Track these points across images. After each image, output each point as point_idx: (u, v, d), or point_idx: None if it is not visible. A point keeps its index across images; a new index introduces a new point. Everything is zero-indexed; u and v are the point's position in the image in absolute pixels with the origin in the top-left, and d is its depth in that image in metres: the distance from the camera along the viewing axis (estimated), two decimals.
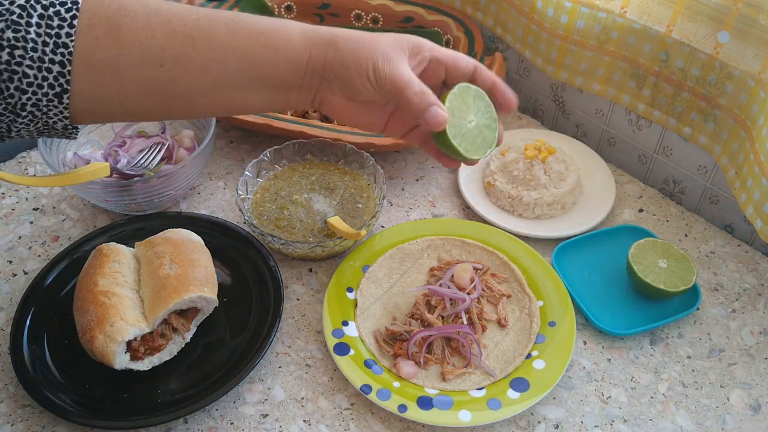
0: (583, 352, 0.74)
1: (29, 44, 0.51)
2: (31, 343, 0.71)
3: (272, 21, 0.59)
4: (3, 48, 0.51)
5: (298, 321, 0.77)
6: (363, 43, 0.59)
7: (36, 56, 0.52)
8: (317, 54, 0.59)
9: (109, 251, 0.72)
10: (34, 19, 0.51)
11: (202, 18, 0.57)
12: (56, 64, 0.52)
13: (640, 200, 0.92)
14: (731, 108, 0.79)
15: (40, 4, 0.52)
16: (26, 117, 0.54)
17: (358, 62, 0.59)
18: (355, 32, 0.60)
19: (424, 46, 0.61)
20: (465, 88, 0.61)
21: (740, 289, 0.80)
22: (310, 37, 0.59)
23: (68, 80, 0.53)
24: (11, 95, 0.52)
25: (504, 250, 0.82)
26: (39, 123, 0.55)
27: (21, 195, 0.92)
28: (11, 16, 0.51)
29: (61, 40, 0.52)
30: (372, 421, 0.67)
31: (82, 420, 0.65)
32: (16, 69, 0.51)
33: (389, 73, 0.58)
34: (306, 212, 0.84)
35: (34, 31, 0.51)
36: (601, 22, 0.87)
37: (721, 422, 0.67)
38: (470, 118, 0.62)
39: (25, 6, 0.51)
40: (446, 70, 0.62)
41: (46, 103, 0.54)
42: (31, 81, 0.52)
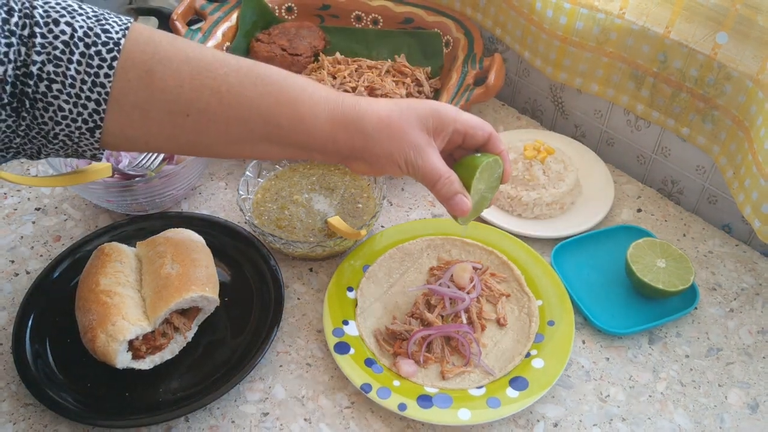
0: (582, 351, 0.74)
1: (68, 80, 0.52)
2: (33, 343, 0.71)
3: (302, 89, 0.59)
4: (42, 80, 0.52)
5: (299, 320, 0.77)
6: (393, 132, 0.60)
7: (73, 92, 0.53)
8: (344, 138, 0.60)
9: (111, 251, 0.73)
10: (76, 56, 0.52)
11: (231, 73, 0.57)
12: (92, 102, 0.53)
13: (639, 200, 0.92)
14: (729, 108, 0.80)
15: (83, 42, 0.53)
16: (57, 144, 0.56)
17: (389, 154, 0.61)
18: (382, 112, 0.60)
19: (447, 121, 0.62)
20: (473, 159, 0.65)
21: (738, 289, 0.80)
22: (336, 118, 0.59)
23: (102, 117, 0.54)
24: (45, 123, 0.53)
25: (503, 250, 0.82)
26: (69, 150, 0.57)
27: (23, 195, 0.92)
28: (54, 51, 0.52)
29: (99, 80, 0.53)
30: (372, 419, 0.68)
31: (83, 419, 0.65)
32: (52, 101, 0.53)
33: (421, 166, 0.61)
34: (306, 212, 0.85)
35: (74, 69, 0.52)
36: (599, 23, 0.88)
37: (719, 421, 0.68)
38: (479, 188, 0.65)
39: (69, 42, 0.52)
40: (464, 137, 0.64)
41: (78, 136, 0.55)
42: (65, 114, 0.53)
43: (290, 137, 0.60)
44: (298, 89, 0.59)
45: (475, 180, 0.63)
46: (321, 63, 1.06)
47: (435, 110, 0.62)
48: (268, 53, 1.06)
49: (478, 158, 0.64)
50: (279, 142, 0.60)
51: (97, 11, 0.55)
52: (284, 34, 1.09)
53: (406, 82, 1.01)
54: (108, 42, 0.53)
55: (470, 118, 0.64)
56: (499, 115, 1.07)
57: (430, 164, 0.61)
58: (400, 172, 0.62)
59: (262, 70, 0.59)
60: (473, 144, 0.65)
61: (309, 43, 1.08)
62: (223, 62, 0.57)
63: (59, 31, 0.52)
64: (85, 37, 0.53)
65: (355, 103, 0.60)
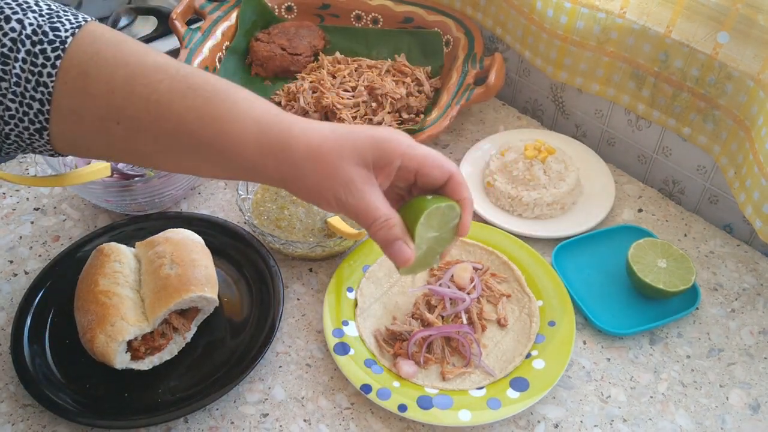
0: (583, 352, 0.74)
1: (13, 78, 0.51)
2: (32, 343, 0.71)
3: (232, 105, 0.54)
4: None
5: (298, 321, 0.77)
6: (321, 165, 0.53)
7: (18, 91, 0.52)
8: (272, 166, 0.54)
9: (110, 251, 0.73)
10: (21, 54, 0.51)
11: (165, 81, 0.53)
12: (36, 102, 0.52)
13: (640, 200, 0.92)
14: (730, 108, 0.80)
15: (30, 40, 0.52)
16: (12, 144, 0.55)
17: (317, 189, 0.54)
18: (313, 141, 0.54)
19: (392, 156, 0.54)
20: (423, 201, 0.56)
21: (739, 289, 0.80)
22: (262, 142, 0.54)
23: (47, 118, 0.53)
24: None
25: (504, 250, 0.82)
26: (27, 150, 0.56)
27: (22, 195, 0.92)
28: (2, 49, 0.51)
29: (42, 79, 0.52)
30: (372, 420, 0.68)
31: (82, 419, 0.65)
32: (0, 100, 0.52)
33: (353, 205, 0.54)
34: (306, 212, 0.84)
35: (20, 67, 0.51)
36: (600, 22, 0.88)
37: (720, 422, 0.68)
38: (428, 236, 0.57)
39: (16, 40, 0.51)
40: (416, 174, 0.56)
41: (28, 137, 0.54)
42: (12, 114, 0.52)
43: (217, 157, 0.55)
44: (227, 105, 0.54)
45: (419, 226, 0.55)
46: (321, 62, 1.05)
47: (377, 142, 0.54)
48: (267, 53, 1.06)
49: (427, 201, 0.55)
50: (208, 159, 0.55)
51: (54, 8, 0.54)
52: (284, 33, 1.09)
53: (406, 81, 1.01)
54: (54, 41, 0.52)
55: (425, 155, 0.55)
56: (500, 114, 1.07)
57: (363, 204, 0.53)
58: (332, 209, 0.55)
59: (198, 81, 0.54)
60: (428, 184, 0.57)
61: (309, 43, 1.08)
62: (162, 69, 0.54)
63: (9, 28, 0.51)
64: (33, 35, 0.52)
65: (288, 127, 0.54)
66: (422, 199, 0.56)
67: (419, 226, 0.55)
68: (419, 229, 0.55)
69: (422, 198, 0.56)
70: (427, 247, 0.57)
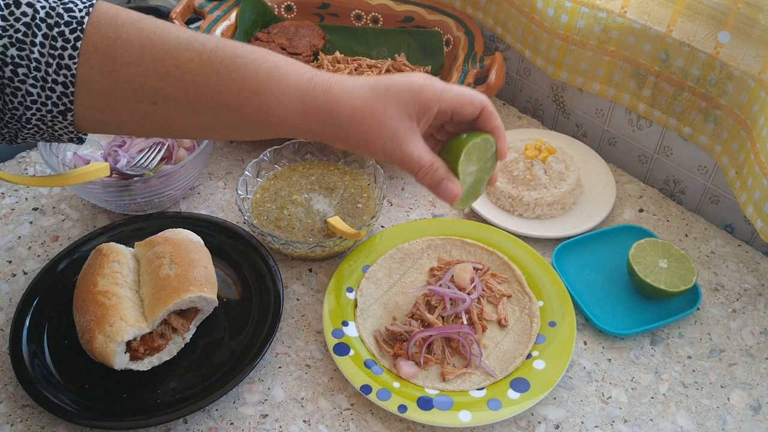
0: (584, 353, 0.74)
1: (32, 63, 0.51)
2: (31, 343, 0.70)
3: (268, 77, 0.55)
4: (6, 65, 0.50)
5: (298, 321, 0.77)
6: (368, 124, 0.56)
7: (39, 75, 0.51)
8: (319, 128, 0.57)
9: (109, 251, 0.72)
10: (39, 38, 0.51)
11: (195, 59, 0.54)
12: (59, 85, 0.52)
13: (641, 200, 0.92)
14: (732, 108, 0.79)
15: (46, 23, 0.51)
16: (32, 128, 0.54)
17: (365, 146, 0.57)
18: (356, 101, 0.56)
19: (430, 103, 0.57)
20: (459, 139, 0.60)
21: (741, 289, 0.80)
22: (307, 108, 0.56)
23: (72, 100, 0.53)
24: (16, 108, 0.52)
25: (504, 250, 0.81)
26: (45, 134, 0.56)
27: (21, 195, 0.92)
28: (16, 34, 0.50)
29: (64, 61, 0.52)
30: (372, 421, 0.67)
31: (81, 420, 0.65)
32: (19, 86, 0.51)
33: (399, 156, 0.57)
34: (306, 212, 0.84)
35: (38, 51, 0.51)
36: (601, 21, 0.87)
37: (721, 422, 0.67)
38: (470, 170, 0.61)
39: (30, 24, 0.51)
40: (451, 115, 0.59)
41: (51, 119, 0.54)
42: (34, 99, 0.52)
43: (260, 127, 0.57)
44: (263, 77, 0.55)
45: (461, 163, 0.59)
46: (320, 62, 1.05)
47: (416, 93, 0.57)
48: None
49: (462, 140, 0.60)
50: (249, 130, 0.58)
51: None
52: (283, 32, 1.09)
53: None
54: (71, 21, 0.52)
55: (457, 95, 0.58)
56: (500, 114, 1.06)
57: (408, 153, 0.57)
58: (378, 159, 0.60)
59: (226, 55, 0.55)
60: (463, 120, 0.60)
61: (308, 42, 1.08)
62: (187, 46, 0.54)
63: (20, 13, 0.51)
64: (47, 17, 0.51)
65: (326, 89, 0.56)
66: (458, 138, 0.61)
67: (461, 164, 0.59)
68: (461, 166, 0.60)
69: (457, 138, 0.61)
70: (473, 180, 0.62)
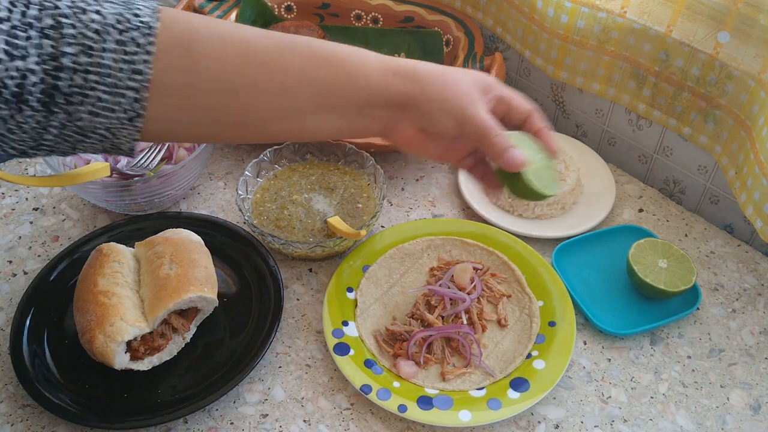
0: (583, 352, 0.74)
1: (104, 70, 0.50)
2: (31, 343, 0.70)
3: (346, 47, 0.59)
4: (76, 72, 0.49)
5: (298, 321, 0.77)
6: (448, 81, 0.60)
7: (110, 81, 0.50)
8: (398, 84, 0.59)
9: (109, 251, 0.72)
10: (110, 44, 0.50)
11: (273, 45, 0.56)
12: (131, 90, 0.51)
13: (640, 200, 0.92)
14: (731, 108, 0.79)
15: (116, 29, 0.50)
16: (94, 138, 0.54)
17: (445, 100, 0.60)
18: (432, 66, 0.61)
19: (493, 85, 0.62)
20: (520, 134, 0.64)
21: (740, 289, 0.80)
22: (388, 67, 0.59)
23: (143, 105, 0.52)
24: (81, 119, 0.51)
25: (504, 250, 0.82)
26: (106, 144, 0.55)
27: (21, 195, 0.92)
28: (86, 41, 0.49)
29: (137, 66, 0.51)
30: (372, 421, 0.67)
31: (81, 420, 0.65)
32: (88, 93, 0.50)
33: (475, 115, 0.60)
34: (306, 212, 0.84)
35: (110, 57, 0.50)
36: (601, 22, 0.87)
37: (721, 422, 0.67)
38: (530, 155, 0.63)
39: (100, 30, 0.50)
40: (508, 108, 0.63)
41: (118, 127, 0.53)
42: (104, 106, 0.51)
43: (340, 98, 0.59)
44: (344, 50, 0.59)
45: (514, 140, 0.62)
46: None
47: (482, 75, 0.63)
48: None
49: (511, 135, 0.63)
50: (327, 106, 0.59)
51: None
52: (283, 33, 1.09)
53: None
54: (140, 26, 0.51)
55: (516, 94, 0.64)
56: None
57: (485, 117, 0.60)
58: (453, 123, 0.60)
59: (300, 39, 0.58)
60: (516, 117, 0.64)
61: None
62: (263, 36, 0.56)
63: (88, 19, 0.50)
64: (117, 23, 0.51)
65: (405, 60, 0.61)
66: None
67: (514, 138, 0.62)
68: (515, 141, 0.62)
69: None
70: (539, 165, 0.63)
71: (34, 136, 0.52)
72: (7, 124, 0.50)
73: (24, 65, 0.48)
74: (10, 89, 0.48)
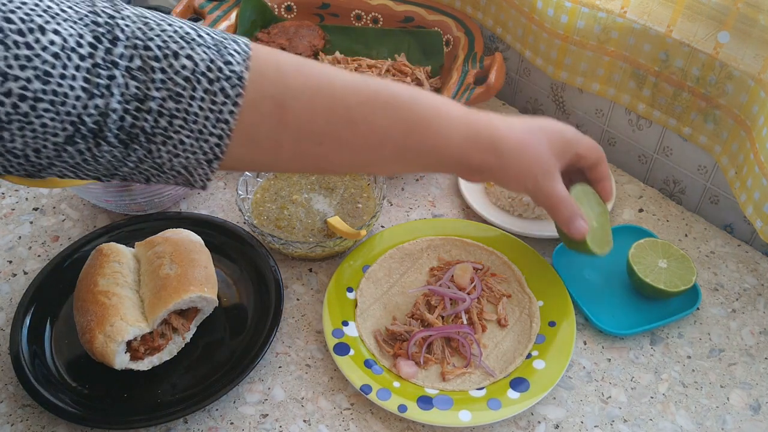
0: (583, 352, 0.74)
1: (190, 117, 0.50)
2: (31, 343, 0.70)
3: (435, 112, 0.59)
4: (162, 116, 0.49)
5: (298, 321, 0.77)
6: (527, 155, 0.63)
7: (195, 128, 0.51)
8: (477, 155, 0.61)
9: (109, 251, 0.72)
10: (199, 93, 0.50)
11: (363, 102, 0.56)
12: (214, 137, 0.51)
13: (640, 200, 0.92)
14: (731, 108, 0.79)
15: (206, 78, 0.50)
16: (170, 174, 0.54)
17: (520, 174, 0.63)
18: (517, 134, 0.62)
19: (570, 145, 0.66)
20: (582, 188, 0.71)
21: (740, 289, 0.80)
22: (470, 138, 0.60)
23: (223, 150, 0.52)
24: (160, 157, 0.52)
25: (504, 250, 0.82)
26: (180, 179, 0.55)
27: (21, 195, 0.92)
28: (175, 87, 0.49)
29: (223, 116, 0.51)
30: (372, 421, 0.67)
31: (81, 420, 0.65)
32: (171, 136, 0.50)
33: (546, 188, 0.64)
34: (306, 212, 0.84)
35: (197, 105, 0.50)
36: (601, 22, 0.87)
37: (721, 422, 0.67)
38: (590, 216, 0.70)
39: (190, 78, 0.50)
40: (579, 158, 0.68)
41: (196, 167, 0.53)
42: (185, 148, 0.51)
43: (421, 159, 0.61)
44: (431, 112, 0.59)
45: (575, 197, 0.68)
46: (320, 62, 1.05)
47: (562, 133, 0.65)
48: None
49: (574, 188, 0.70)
50: (409, 163, 0.61)
51: (216, 37, 0.53)
52: (284, 33, 1.09)
53: (407, 81, 1.00)
54: (231, 76, 0.51)
55: (588, 142, 0.68)
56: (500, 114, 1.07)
57: (556, 188, 0.65)
58: (524, 190, 0.65)
59: (392, 92, 0.58)
60: (584, 163, 0.69)
61: (308, 42, 1.08)
62: (353, 90, 0.56)
63: (180, 66, 0.49)
64: (207, 71, 0.50)
65: (488, 122, 0.61)
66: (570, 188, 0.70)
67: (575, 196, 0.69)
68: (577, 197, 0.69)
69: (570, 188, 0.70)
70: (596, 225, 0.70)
71: (110, 168, 0.52)
72: (83, 156, 0.49)
73: (104, 103, 0.47)
74: (88, 125, 0.48)
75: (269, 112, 0.53)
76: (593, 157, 0.69)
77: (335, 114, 0.55)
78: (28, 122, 0.45)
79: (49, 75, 0.45)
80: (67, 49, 0.46)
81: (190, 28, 0.52)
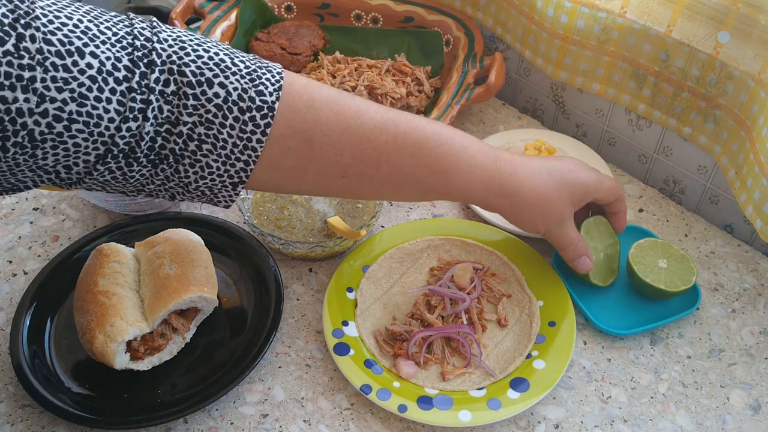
0: (583, 352, 0.74)
1: (219, 143, 0.51)
2: (31, 344, 0.70)
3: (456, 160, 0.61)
4: (192, 140, 0.50)
5: (298, 321, 0.77)
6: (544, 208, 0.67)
7: (224, 153, 0.52)
8: (496, 203, 0.66)
9: (110, 251, 0.72)
10: (229, 121, 0.51)
11: (390, 142, 0.58)
12: (240, 162, 0.53)
13: (640, 200, 0.92)
14: (731, 108, 0.79)
15: (238, 107, 0.51)
16: (195, 193, 0.55)
17: (534, 222, 0.69)
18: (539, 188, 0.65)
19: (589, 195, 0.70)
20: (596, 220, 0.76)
21: (740, 289, 0.80)
22: (490, 187, 0.64)
23: (248, 175, 0.54)
24: (187, 177, 0.53)
25: (504, 250, 0.82)
26: (204, 198, 0.57)
27: (21, 195, 0.92)
28: (207, 114, 0.50)
29: (251, 144, 0.52)
30: (372, 421, 0.67)
31: (81, 420, 0.65)
32: (200, 159, 0.52)
33: (558, 235, 0.70)
34: (306, 212, 0.84)
35: (227, 132, 0.51)
36: (601, 22, 0.87)
37: (721, 422, 0.67)
38: (598, 248, 0.76)
39: (222, 106, 0.50)
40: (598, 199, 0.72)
41: (220, 188, 0.55)
42: (212, 171, 0.53)
43: (440, 197, 0.65)
44: (456, 160, 0.61)
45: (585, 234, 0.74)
46: (320, 62, 1.05)
47: (585, 185, 0.69)
48: (267, 52, 1.05)
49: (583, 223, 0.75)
50: (428, 198, 0.66)
51: (250, 65, 0.53)
52: (283, 33, 1.09)
53: (406, 81, 1.01)
54: (262, 107, 0.52)
55: (608, 189, 0.71)
56: (500, 114, 1.07)
57: (566, 234, 0.70)
58: (536, 231, 0.71)
59: (418, 137, 0.59)
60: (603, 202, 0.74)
61: (308, 42, 1.08)
62: (382, 128, 0.57)
63: (212, 93, 0.50)
64: (239, 100, 0.51)
65: (512, 172, 0.64)
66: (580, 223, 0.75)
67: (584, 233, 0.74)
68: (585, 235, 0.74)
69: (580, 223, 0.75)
70: (602, 256, 0.77)
71: (137, 185, 0.53)
72: (113, 174, 0.50)
73: (137, 126, 0.48)
74: (120, 146, 0.48)
75: (297, 146, 0.54)
76: (611, 198, 0.72)
77: (362, 152, 0.57)
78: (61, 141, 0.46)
79: (84, 97, 0.45)
80: (104, 72, 0.46)
81: (225, 55, 0.52)
